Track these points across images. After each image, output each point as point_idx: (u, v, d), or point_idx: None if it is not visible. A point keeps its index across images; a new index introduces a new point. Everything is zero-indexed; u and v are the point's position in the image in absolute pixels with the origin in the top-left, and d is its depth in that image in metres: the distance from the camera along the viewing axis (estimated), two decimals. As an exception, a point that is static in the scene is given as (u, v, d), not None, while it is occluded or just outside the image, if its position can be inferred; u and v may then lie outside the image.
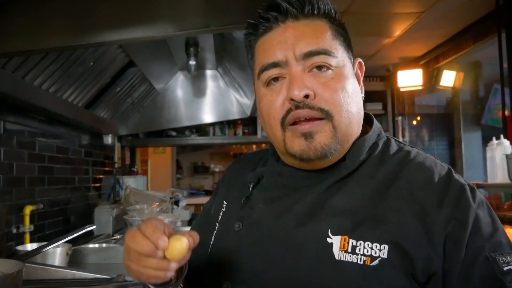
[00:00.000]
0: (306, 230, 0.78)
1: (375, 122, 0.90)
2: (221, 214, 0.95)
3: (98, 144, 3.60)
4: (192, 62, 3.18)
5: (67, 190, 2.92)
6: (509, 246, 0.74)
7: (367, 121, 0.91)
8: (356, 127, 0.85)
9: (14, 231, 2.19)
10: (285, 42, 0.83)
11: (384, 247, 0.72)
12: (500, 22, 3.41)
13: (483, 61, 4.95)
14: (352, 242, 0.73)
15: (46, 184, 2.62)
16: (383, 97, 5.27)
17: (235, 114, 4.19)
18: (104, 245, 2.40)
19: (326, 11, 0.85)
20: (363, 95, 0.88)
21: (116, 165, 4.06)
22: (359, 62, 0.90)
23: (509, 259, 0.71)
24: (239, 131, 4.51)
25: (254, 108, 3.76)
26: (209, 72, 3.99)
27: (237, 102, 4.12)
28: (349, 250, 0.73)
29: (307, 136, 0.81)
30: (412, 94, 5.54)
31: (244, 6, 1.59)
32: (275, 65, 0.83)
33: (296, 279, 0.75)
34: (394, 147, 0.87)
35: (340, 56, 0.83)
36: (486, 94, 5.11)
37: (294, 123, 0.82)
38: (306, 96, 0.80)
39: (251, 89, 3.23)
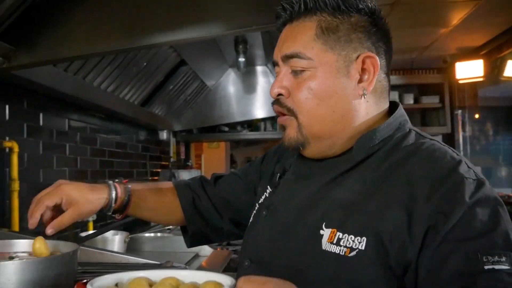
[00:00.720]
0: (305, 220, 0.86)
1: (395, 115, 0.90)
2: (262, 198, 1.03)
3: (154, 139, 3.79)
4: (241, 59, 3.27)
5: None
6: (504, 247, 0.71)
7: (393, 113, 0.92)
8: (329, 123, 0.87)
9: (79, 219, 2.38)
10: (278, 44, 0.91)
11: (363, 239, 0.77)
12: None
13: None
14: (338, 235, 0.79)
15: (106, 177, 2.82)
16: (440, 90, 5.07)
17: (286, 109, 4.23)
18: (159, 234, 2.55)
19: (318, 6, 0.86)
20: (364, 92, 0.87)
21: (172, 160, 4.24)
22: (366, 57, 0.87)
23: (496, 259, 0.70)
24: (290, 126, 4.56)
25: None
26: (259, 68, 4.06)
27: (288, 97, 4.16)
28: (335, 241, 0.79)
29: (282, 127, 0.92)
30: (475, 86, 5.29)
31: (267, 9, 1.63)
32: (274, 64, 0.93)
33: (286, 264, 0.83)
34: (411, 139, 0.87)
35: (315, 56, 0.86)
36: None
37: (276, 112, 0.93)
38: (281, 94, 0.88)
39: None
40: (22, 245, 0.99)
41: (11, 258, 0.94)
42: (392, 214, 0.76)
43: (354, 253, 0.77)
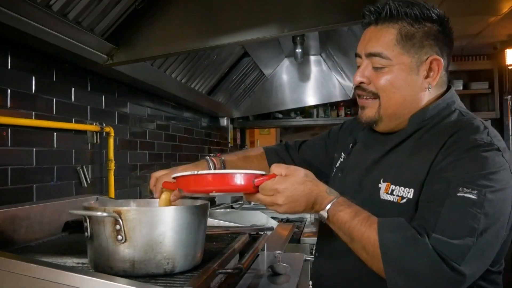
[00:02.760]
0: (369, 177, 1.10)
1: (445, 97, 1.11)
2: (338, 162, 1.28)
3: (215, 126, 4.07)
4: (299, 50, 3.46)
5: (192, 165, 3.41)
6: (480, 185, 0.91)
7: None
8: (400, 107, 1.09)
9: (157, 197, 2.69)
10: (363, 41, 1.12)
11: (411, 190, 1.01)
12: None
13: None
14: (392, 187, 1.04)
15: (177, 160, 3.12)
16: (489, 76, 5.05)
17: (337, 97, 4.40)
18: (228, 210, 2.84)
19: (400, 16, 1.06)
20: (430, 86, 1.09)
21: (230, 145, 4.52)
22: (433, 59, 1.07)
23: (469, 191, 0.90)
24: (342, 112, 4.71)
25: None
26: (312, 58, 4.24)
27: (340, 85, 4.32)
28: (389, 192, 1.04)
29: (361, 108, 1.14)
30: (528, 70, 5.22)
31: (346, 6, 1.82)
32: (357, 55, 1.14)
33: None
34: (453, 117, 1.08)
35: (394, 58, 1.06)
36: None
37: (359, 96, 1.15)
38: (363, 82, 1.10)
39: (353, 72, 3.43)
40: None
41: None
42: (425, 169, 1.00)
43: (404, 200, 1.01)
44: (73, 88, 1.92)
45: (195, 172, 0.98)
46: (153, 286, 0.79)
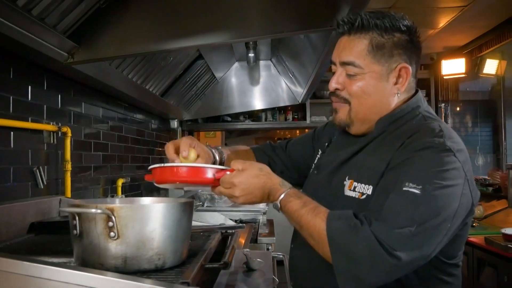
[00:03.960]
0: (336, 175, 1.19)
1: (410, 102, 1.18)
2: (316, 159, 1.36)
3: (165, 128, 4.04)
4: (251, 54, 3.54)
5: (144, 167, 3.37)
6: (424, 182, 0.99)
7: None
8: (370, 112, 1.17)
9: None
10: (337, 49, 1.19)
11: (370, 187, 1.09)
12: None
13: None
14: (355, 184, 1.13)
15: (129, 162, 3.07)
16: (427, 85, 5.43)
17: (285, 101, 4.52)
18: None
19: (371, 27, 1.14)
20: (399, 91, 1.17)
21: (178, 148, 4.49)
22: (402, 67, 1.15)
23: (414, 186, 0.99)
24: (289, 116, 4.85)
25: (306, 95, 4.08)
26: (262, 62, 4.34)
27: (289, 90, 4.45)
28: (352, 189, 1.13)
29: (334, 111, 1.23)
30: (457, 80, 5.63)
31: (299, 15, 1.92)
32: (332, 62, 1.21)
33: (323, 204, 1.11)
34: (416, 120, 1.16)
35: (366, 66, 1.14)
36: (531, 81, 5.16)
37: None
38: (338, 89, 1.18)
39: (305, 78, 3.56)
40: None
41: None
42: (382, 167, 1.09)
43: (364, 196, 1.09)
44: (30, 86, 1.86)
45: (165, 165, 1.08)
46: (156, 281, 0.81)
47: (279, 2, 1.96)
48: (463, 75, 5.16)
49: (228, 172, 1.08)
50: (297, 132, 8.46)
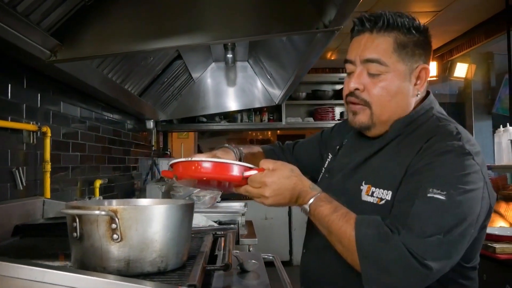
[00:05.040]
0: (352, 179, 1.16)
1: (423, 104, 1.17)
2: (326, 163, 1.34)
3: (140, 128, 3.98)
4: (230, 55, 3.53)
5: (120, 168, 3.31)
6: (448, 187, 0.98)
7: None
8: (393, 114, 1.14)
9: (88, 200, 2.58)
10: (357, 47, 1.15)
11: (390, 192, 1.07)
12: (509, 20, 3.73)
13: (495, 52, 5.19)
14: (372, 189, 1.10)
15: (106, 162, 3.01)
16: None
17: (261, 102, 4.53)
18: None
19: (396, 25, 1.12)
20: (418, 92, 1.16)
21: (154, 148, 4.44)
22: (422, 68, 1.14)
23: (439, 192, 0.97)
24: (265, 117, 4.86)
25: (283, 96, 4.10)
26: (239, 63, 4.33)
27: (265, 91, 4.46)
28: (370, 194, 1.10)
29: (353, 113, 1.17)
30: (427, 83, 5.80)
31: (281, 18, 1.93)
32: (348, 62, 1.17)
33: None
34: (430, 122, 1.14)
35: (391, 65, 1.11)
36: (497, 84, 5.32)
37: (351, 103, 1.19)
38: (357, 89, 1.14)
39: (284, 79, 3.58)
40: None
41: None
42: (401, 172, 1.08)
43: (383, 202, 1.08)
44: (9, 84, 1.80)
45: (191, 159, 1.03)
46: (160, 284, 0.80)
47: (265, 3, 1.97)
48: (435, 78, 5.32)
49: (255, 171, 1.05)
50: (269, 133, 8.53)
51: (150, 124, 4.06)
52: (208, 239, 1.33)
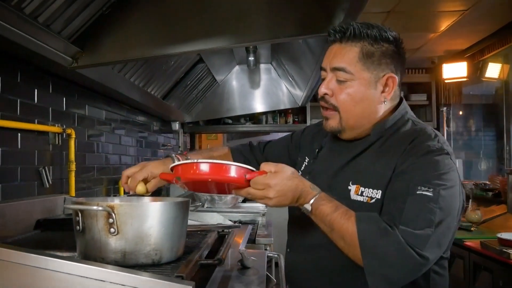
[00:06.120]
0: (338, 180, 1.23)
1: (399, 109, 1.26)
2: (303, 166, 1.40)
3: (167, 130, 4.11)
4: (251, 58, 3.60)
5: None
6: (435, 185, 1.07)
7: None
8: (359, 119, 1.23)
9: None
10: (328, 56, 1.24)
11: (379, 191, 1.15)
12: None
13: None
14: (362, 189, 1.17)
15: (133, 162, 3.14)
16: (428, 88, 5.46)
17: (286, 104, 4.58)
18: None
19: (362, 36, 1.20)
20: (385, 100, 1.23)
21: (180, 149, 4.57)
22: (389, 76, 1.22)
23: (426, 189, 1.07)
24: (290, 119, 4.91)
25: (306, 98, 4.14)
26: (263, 66, 4.40)
27: (289, 93, 4.51)
28: (359, 193, 1.17)
29: (326, 119, 1.26)
30: (460, 84, 5.65)
31: (297, 21, 1.98)
32: (322, 69, 1.26)
33: None
34: (408, 126, 1.24)
35: (356, 73, 1.19)
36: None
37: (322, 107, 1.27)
38: (327, 94, 1.22)
39: (304, 81, 3.62)
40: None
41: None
42: (389, 172, 1.15)
43: (373, 200, 1.15)
44: (36, 90, 1.93)
45: (195, 160, 1.06)
46: (153, 274, 0.87)
47: (278, 8, 2.03)
48: (465, 79, 5.20)
49: (256, 174, 1.08)
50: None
51: (176, 126, 4.18)
52: (211, 235, 1.40)
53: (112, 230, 0.96)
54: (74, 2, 1.64)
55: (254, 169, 1.10)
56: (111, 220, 0.96)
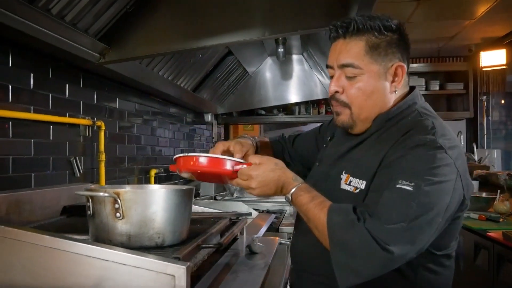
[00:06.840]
0: (334, 168, 1.27)
1: (406, 99, 1.23)
2: (319, 153, 1.44)
3: (200, 121, 4.22)
4: (281, 49, 3.63)
5: (178, 159, 3.56)
6: (418, 179, 1.05)
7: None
8: (371, 111, 1.22)
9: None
10: (334, 53, 1.24)
11: (364, 182, 1.16)
12: None
13: None
14: (350, 178, 1.19)
15: (163, 153, 3.27)
16: (465, 77, 5.28)
17: (318, 95, 4.58)
18: (206, 200, 2.99)
19: (366, 29, 1.19)
20: (396, 89, 1.22)
21: (214, 140, 4.68)
22: (398, 66, 1.20)
23: (407, 183, 1.05)
24: (323, 110, 4.90)
25: (335, 89, 4.12)
26: (295, 57, 4.41)
27: (321, 84, 4.51)
28: (348, 183, 1.19)
29: (336, 114, 1.27)
30: (503, 71, 5.45)
31: (324, 11, 1.99)
32: (329, 67, 1.26)
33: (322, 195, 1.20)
34: (411, 117, 1.21)
35: (364, 67, 1.19)
36: None
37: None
38: (337, 92, 1.23)
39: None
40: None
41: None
42: (376, 164, 1.15)
43: (358, 191, 1.16)
44: (67, 85, 2.06)
45: (188, 154, 1.18)
46: (154, 256, 0.95)
47: (294, 1, 2.05)
48: (504, 67, 5.00)
49: (244, 166, 1.17)
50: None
51: (209, 117, 4.28)
52: (221, 222, 1.47)
53: (118, 214, 1.05)
54: (98, 1, 1.74)
55: (243, 161, 1.18)
56: (117, 206, 1.04)
